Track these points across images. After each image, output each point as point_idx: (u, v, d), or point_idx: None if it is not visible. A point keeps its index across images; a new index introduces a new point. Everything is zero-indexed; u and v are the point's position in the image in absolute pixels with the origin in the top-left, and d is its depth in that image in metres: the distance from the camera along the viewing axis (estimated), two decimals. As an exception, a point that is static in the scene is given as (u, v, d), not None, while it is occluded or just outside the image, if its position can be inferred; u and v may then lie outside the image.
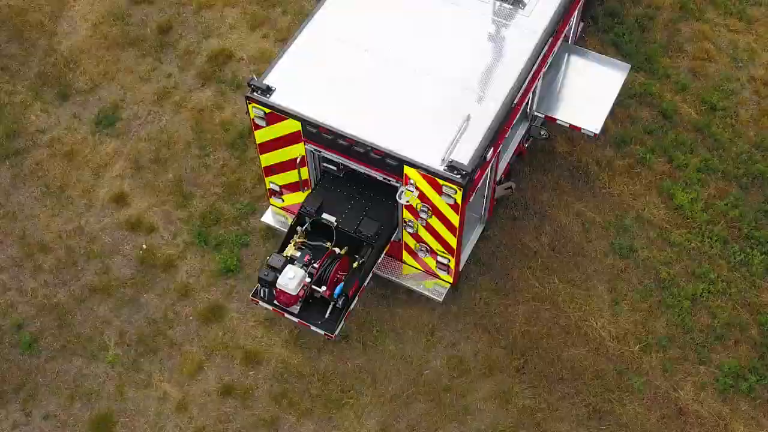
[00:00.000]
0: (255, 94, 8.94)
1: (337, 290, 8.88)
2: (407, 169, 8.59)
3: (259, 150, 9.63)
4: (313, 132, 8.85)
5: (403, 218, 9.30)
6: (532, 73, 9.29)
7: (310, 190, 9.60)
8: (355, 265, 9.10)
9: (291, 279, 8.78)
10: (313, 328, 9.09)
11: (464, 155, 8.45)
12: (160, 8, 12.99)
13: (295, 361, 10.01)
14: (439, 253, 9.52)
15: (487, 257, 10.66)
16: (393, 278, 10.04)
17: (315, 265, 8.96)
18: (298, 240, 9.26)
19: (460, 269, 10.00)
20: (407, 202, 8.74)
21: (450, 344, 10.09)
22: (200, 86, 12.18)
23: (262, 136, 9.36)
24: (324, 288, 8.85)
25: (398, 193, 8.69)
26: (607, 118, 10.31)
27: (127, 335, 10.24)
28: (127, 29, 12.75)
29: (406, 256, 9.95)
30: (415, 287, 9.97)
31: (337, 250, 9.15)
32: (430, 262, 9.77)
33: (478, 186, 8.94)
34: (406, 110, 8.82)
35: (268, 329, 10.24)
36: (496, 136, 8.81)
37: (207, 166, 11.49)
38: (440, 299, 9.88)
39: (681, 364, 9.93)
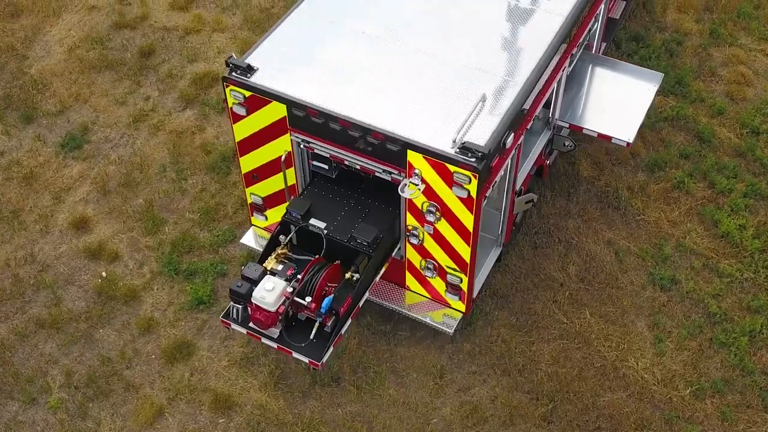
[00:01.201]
0: (234, 74, 7.64)
1: (325, 304, 7.27)
2: (411, 156, 7.17)
3: (238, 151, 8.25)
4: (300, 116, 7.48)
5: (406, 225, 7.81)
6: (556, 59, 8.03)
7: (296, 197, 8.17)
8: (347, 275, 7.53)
9: (269, 291, 7.21)
10: (294, 354, 7.43)
11: (480, 136, 7.05)
12: (143, 33, 11.93)
13: (274, 407, 8.28)
14: (449, 271, 7.97)
15: (506, 289, 9.09)
16: (394, 307, 8.45)
17: (299, 276, 7.40)
18: (280, 252, 7.73)
19: (474, 296, 8.41)
20: (410, 196, 7.28)
21: (463, 388, 8.39)
22: (181, 109, 10.94)
23: (241, 130, 7.99)
24: (309, 299, 7.25)
25: (401, 186, 7.24)
26: (636, 136, 9.01)
27: (75, 376, 8.56)
28: (105, 53, 11.64)
29: (409, 279, 8.39)
30: (420, 318, 8.36)
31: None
32: (439, 285, 8.21)
33: (496, 180, 7.49)
34: (410, 92, 7.49)
35: (244, 369, 8.56)
36: (517, 120, 7.43)
37: (183, 190, 10.09)
38: (450, 331, 8.25)
39: (743, 411, 8.18)
